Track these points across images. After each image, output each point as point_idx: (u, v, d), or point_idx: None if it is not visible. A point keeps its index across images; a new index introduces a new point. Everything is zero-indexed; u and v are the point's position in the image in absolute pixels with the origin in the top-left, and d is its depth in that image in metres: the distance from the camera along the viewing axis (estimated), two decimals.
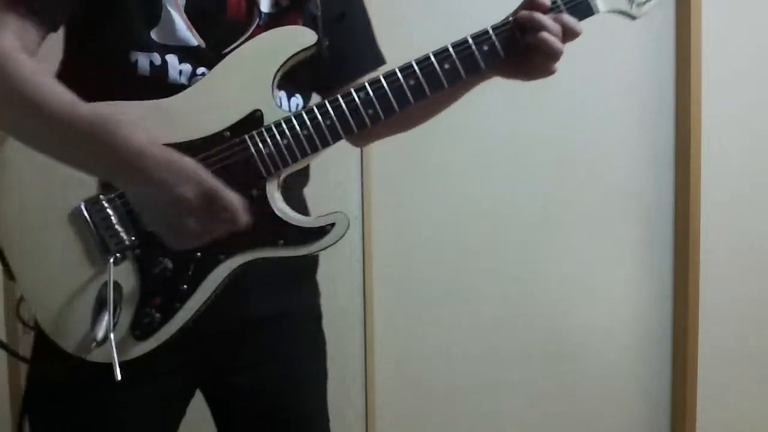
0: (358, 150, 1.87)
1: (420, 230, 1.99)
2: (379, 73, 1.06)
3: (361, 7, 1.18)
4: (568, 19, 0.95)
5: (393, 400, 2.00)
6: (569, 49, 0.98)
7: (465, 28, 0.98)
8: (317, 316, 1.19)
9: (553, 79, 1.01)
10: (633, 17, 1.01)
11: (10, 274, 0.95)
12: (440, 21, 1.93)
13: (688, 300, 2.04)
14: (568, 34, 0.95)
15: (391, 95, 0.94)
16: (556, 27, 0.94)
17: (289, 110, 1.01)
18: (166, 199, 0.83)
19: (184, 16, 0.94)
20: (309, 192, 1.16)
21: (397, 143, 1.91)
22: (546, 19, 0.93)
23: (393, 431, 2.02)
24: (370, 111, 0.93)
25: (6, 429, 1.97)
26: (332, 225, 0.94)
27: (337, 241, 0.94)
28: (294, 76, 0.99)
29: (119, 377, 0.89)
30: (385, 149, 1.72)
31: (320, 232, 0.94)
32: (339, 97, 0.93)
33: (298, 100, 1.05)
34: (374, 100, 0.93)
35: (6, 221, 0.95)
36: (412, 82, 0.94)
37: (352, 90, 0.94)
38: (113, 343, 0.90)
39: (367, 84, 0.94)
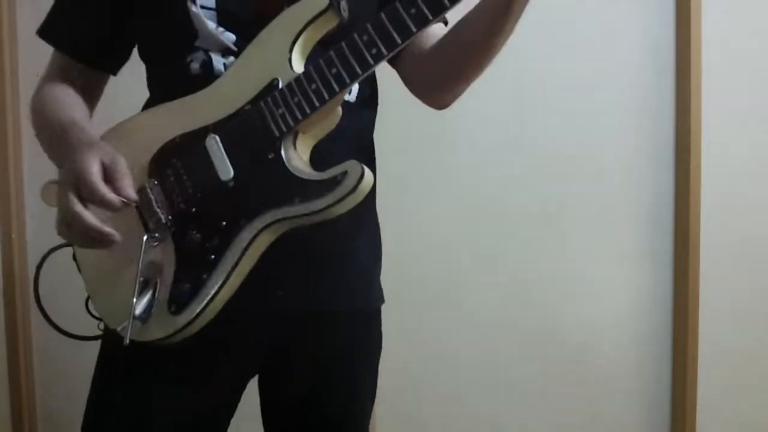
0: None
1: (420, 230, 1.99)
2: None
3: None
4: None
5: (393, 400, 2.00)
6: (569, 48, 0.97)
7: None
8: (380, 315, 1.27)
9: (553, 79, 1.01)
10: None
11: (77, 265, 1.07)
12: None
13: (688, 300, 2.04)
14: None
15: (392, 29, 0.90)
16: None
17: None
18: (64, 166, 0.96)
19: (215, 32, 1.01)
20: None
21: (398, 143, 1.91)
22: None
23: (393, 431, 2.02)
24: (373, 50, 0.90)
25: (6, 429, 1.97)
26: (344, 174, 0.91)
27: (352, 191, 0.90)
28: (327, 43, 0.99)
29: (127, 342, 0.93)
30: (385, 149, 1.71)
31: (332, 182, 0.91)
32: (343, 43, 0.92)
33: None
34: (375, 38, 0.90)
35: None
36: (413, 11, 0.89)
37: (355, 33, 0.92)
38: (133, 311, 0.94)
39: (368, 25, 0.91)
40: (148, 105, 1.11)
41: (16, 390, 1.97)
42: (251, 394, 1.18)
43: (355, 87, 1.08)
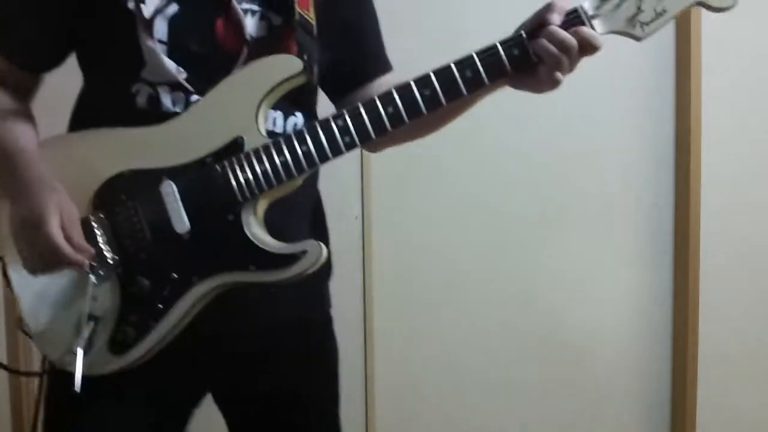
0: (358, 150, 1.87)
1: (420, 230, 1.99)
2: (387, 79, 1.09)
3: (370, 11, 1.17)
4: (586, 31, 0.92)
5: (393, 400, 2.00)
6: None
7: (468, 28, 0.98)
8: (331, 321, 1.21)
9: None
10: (637, 38, 0.94)
11: (9, 285, 1.02)
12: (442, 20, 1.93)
13: (688, 300, 2.04)
14: (586, 48, 0.93)
15: (368, 124, 0.94)
16: (571, 41, 0.92)
17: (284, 129, 1.04)
18: (16, 213, 0.96)
19: (167, 59, 0.97)
20: None
21: (398, 146, 1.91)
22: (561, 33, 0.91)
23: (393, 431, 2.02)
24: (347, 138, 0.94)
25: (6, 429, 1.97)
26: (303, 252, 0.94)
27: (309, 270, 0.94)
28: (292, 96, 1.00)
29: (78, 388, 0.93)
30: (385, 151, 1.71)
31: (291, 258, 0.94)
32: (317, 123, 0.95)
33: (296, 119, 1.05)
34: (351, 128, 0.94)
35: (8, 237, 1.00)
36: (390, 110, 0.94)
37: (330, 117, 0.95)
38: (79, 355, 0.94)
39: (345, 111, 0.94)
40: (81, 118, 1.06)
41: (16, 392, 1.98)
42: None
43: None
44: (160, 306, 0.95)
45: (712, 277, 2.05)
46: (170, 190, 0.94)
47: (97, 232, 0.96)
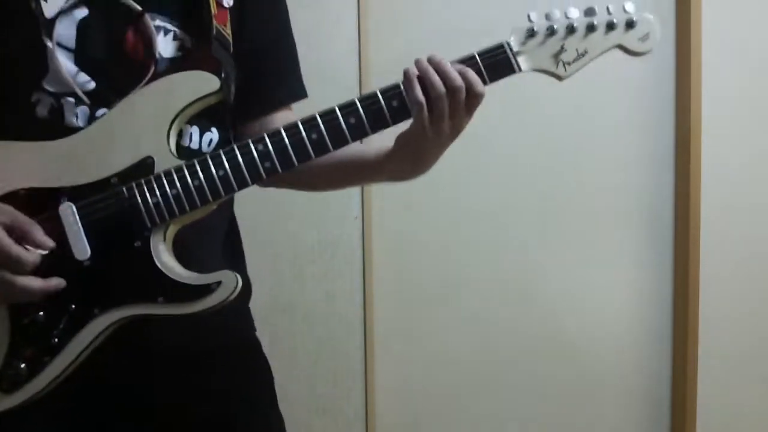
0: None
1: (420, 230, 1.99)
2: (293, 108, 1.04)
3: (285, 33, 1.11)
4: (472, 76, 0.89)
5: (393, 400, 2.00)
6: None
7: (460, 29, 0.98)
8: (251, 347, 1.11)
9: (553, 79, 1.00)
10: (559, 78, 0.95)
11: None
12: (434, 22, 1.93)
13: (688, 300, 2.04)
14: (470, 94, 0.89)
15: (290, 148, 0.89)
16: (455, 79, 0.88)
17: (200, 146, 0.98)
18: None
19: (70, 66, 0.89)
20: (309, 193, 1.15)
21: None
22: (446, 66, 0.89)
23: (393, 431, 2.02)
24: (267, 164, 0.89)
25: None
26: (218, 284, 0.87)
27: (223, 303, 0.87)
28: (209, 111, 0.95)
29: None
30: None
31: (204, 290, 0.87)
32: (235, 147, 0.89)
33: (212, 135, 1.00)
34: (272, 152, 0.89)
35: None
36: (314, 136, 0.89)
37: (250, 141, 0.89)
38: None
39: (266, 135, 0.89)
40: None
41: None
42: None
43: None
44: (56, 340, 0.86)
45: (712, 278, 2.05)
46: (70, 212, 0.86)
47: None
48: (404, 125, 0.94)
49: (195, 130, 0.97)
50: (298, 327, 1.92)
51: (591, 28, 0.92)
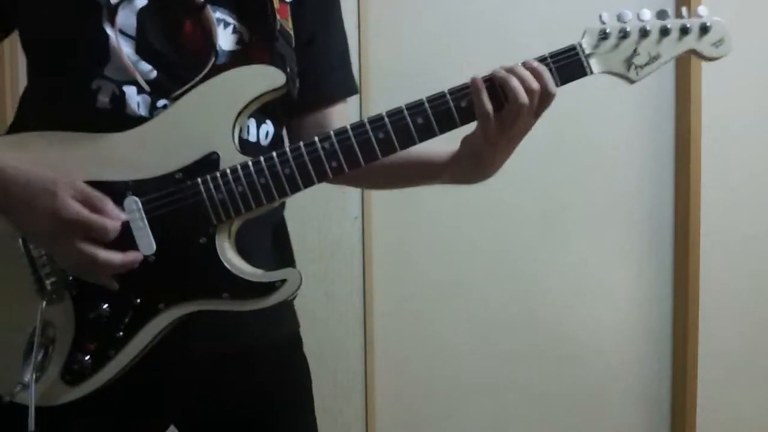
0: None
1: (420, 230, 1.99)
2: (348, 102, 1.04)
3: (338, 30, 1.11)
4: (547, 76, 0.89)
5: (393, 400, 2.01)
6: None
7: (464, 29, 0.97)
8: (296, 344, 1.12)
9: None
10: (631, 81, 0.93)
11: None
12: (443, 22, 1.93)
13: (688, 300, 2.04)
14: (541, 96, 0.89)
15: (357, 148, 0.88)
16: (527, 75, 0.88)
17: (257, 138, 0.98)
18: (30, 232, 0.84)
19: (132, 54, 0.89)
20: (309, 193, 1.15)
21: None
22: (522, 71, 0.88)
23: (393, 431, 2.02)
24: (334, 163, 0.88)
25: None
26: (282, 282, 0.87)
27: (286, 299, 0.88)
28: (263, 105, 0.94)
29: (32, 427, 0.83)
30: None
31: (269, 288, 0.87)
32: (302, 145, 0.88)
33: (268, 127, 1.00)
34: (339, 151, 0.88)
35: None
36: (381, 136, 0.88)
37: (316, 139, 0.88)
38: (32, 389, 0.84)
39: (332, 134, 0.88)
40: (26, 118, 0.96)
41: None
42: None
43: None
44: (121, 334, 0.87)
45: (712, 277, 2.05)
46: (135, 207, 0.85)
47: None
48: (473, 126, 0.93)
49: (252, 123, 0.97)
50: None
51: (665, 32, 0.91)
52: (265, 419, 1.04)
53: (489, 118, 0.88)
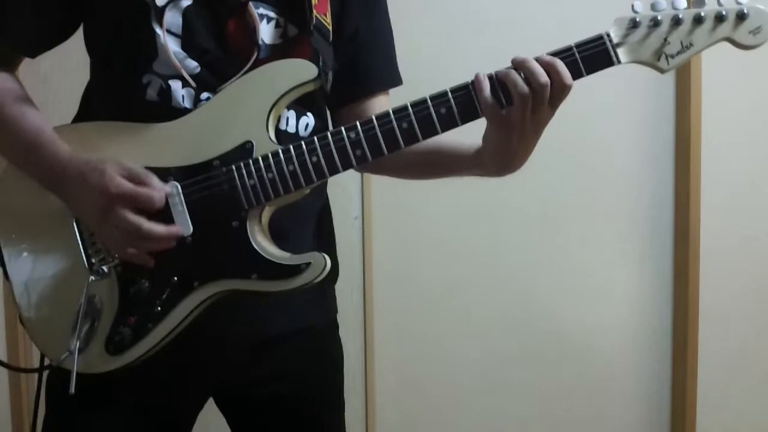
0: None
1: (420, 230, 1.99)
2: (391, 93, 1.07)
3: (383, 22, 1.15)
4: (561, 68, 0.88)
5: (393, 400, 2.01)
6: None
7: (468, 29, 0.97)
8: (335, 330, 1.21)
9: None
10: (661, 71, 0.91)
11: (6, 275, 1.00)
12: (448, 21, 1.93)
13: (688, 300, 2.04)
14: (555, 88, 0.88)
15: (381, 137, 0.91)
16: (537, 68, 0.87)
17: (296, 129, 1.03)
18: (81, 210, 0.93)
19: (178, 51, 0.96)
20: None
21: None
22: (531, 63, 0.88)
23: (393, 431, 2.02)
24: (358, 152, 0.92)
25: (6, 426, 1.98)
26: (307, 264, 0.92)
27: (312, 283, 0.92)
28: (305, 97, 0.99)
29: (72, 390, 0.92)
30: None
31: (295, 270, 0.92)
32: (329, 134, 0.92)
33: (308, 119, 1.04)
34: (363, 140, 0.91)
35: (8, 224, 1.00)
36: (405, 125, 0.91)
37: (343, 129, 0.92)
38: (76, 356, 0.93)
39: (358, 123, 0.92)
40: (88, 110, 1.05)
41: (16, 391, 1.98)
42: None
43: None
44: (159, 309, 0.94)
45: (712, 277, 2.05)
46: (175, 192, 0.92)
47: None
48: None
49: (292, 115, 1.02)
50: None
51: (698, 21, 0.89)
52: (300, 402, 1.11)
53: (494, 111, 0.90)
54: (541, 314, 2.06)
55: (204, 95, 0.96)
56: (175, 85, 0.96)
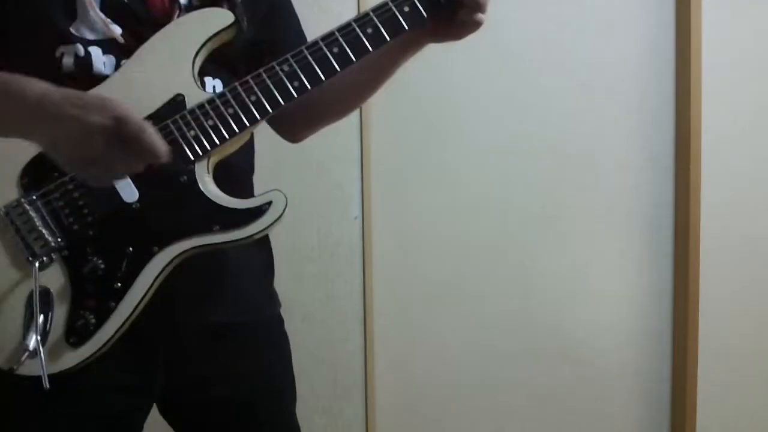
0: (357, 150, 1.87)
1: (420, 230, 1.99)
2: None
3: (289, 7, 1.16)
4: None
5: (393, 400, 2.00)
6: (569, 48, 0.95)
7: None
8: (281, 324, 1.14)
9: (553, 79, 1.00)
10: None
11: None
12: None
13: (688, 299, 2.04)
14: None
15: (315, 65, 0.92)
16: None
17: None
18: (75, 133, 0.78)
19: (100, 13, 0.92)
20: (309, 193, 1.16)
21: (397, 143, 1.91)
22: None
23: (393, 431, 2.02)
24: (296, 83, 0.91)
25: None
26: (269, 204, 0.90)
27: (275, 222, 0.90)
28: (228, 65, 0.98)
29: (47, 385, 0.84)
30: (385, 149, 1.71)
31: (256, 212, 0.90)
32: (262, 71, 0.91)
33: (215, 82, 1.01)
34: (298, 71, 0.91)
35: None
36: (336, 50, 0.92)
37: (275, 63, 0.91)
38: (41, 349, 0.85)
39: (289, 56, 0.91)
40: None
41: None
42: None
43: None
44: (119, 284, 0.88)
45: (712, 277, 2.06)
46: None
47: (32, 214, 0.88)
48: None
49: (218, 83, 1.00)
50: (298, 327, 1.91)
51: None
52: (254, 399, 1.05)
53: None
54: (542, 314, 2.06)
55: (125, 62, 0.92)
56: (96, 51, 0.91)
